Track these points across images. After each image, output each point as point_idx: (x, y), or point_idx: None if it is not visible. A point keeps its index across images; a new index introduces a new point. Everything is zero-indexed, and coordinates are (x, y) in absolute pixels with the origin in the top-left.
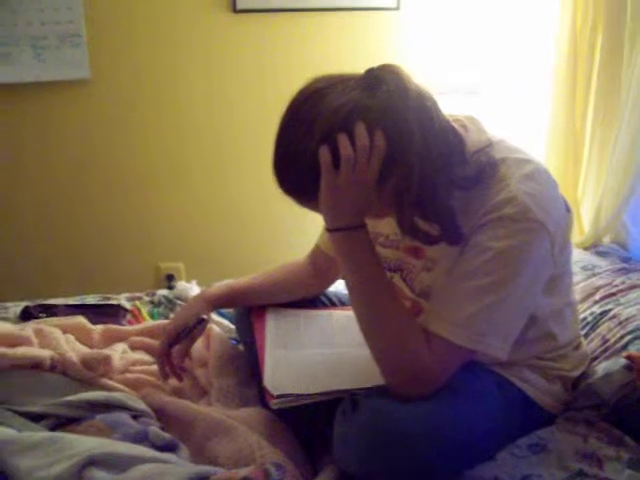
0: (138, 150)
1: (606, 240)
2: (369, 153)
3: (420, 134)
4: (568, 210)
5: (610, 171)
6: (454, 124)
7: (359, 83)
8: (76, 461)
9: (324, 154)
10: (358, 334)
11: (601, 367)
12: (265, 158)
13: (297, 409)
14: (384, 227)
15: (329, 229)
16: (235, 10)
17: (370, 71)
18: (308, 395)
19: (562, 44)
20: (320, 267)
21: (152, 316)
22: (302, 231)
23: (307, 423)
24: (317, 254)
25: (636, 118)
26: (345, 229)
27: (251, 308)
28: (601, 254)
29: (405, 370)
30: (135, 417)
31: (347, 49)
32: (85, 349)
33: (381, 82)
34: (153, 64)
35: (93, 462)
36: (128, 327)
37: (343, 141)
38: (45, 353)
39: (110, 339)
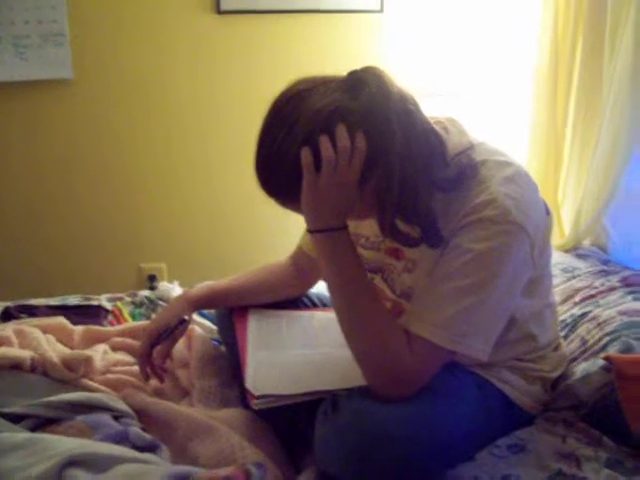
0: (121, 151)
1: (586, 243)
2: (350, 155)
3: (401, 136)
4: (548, 213)
5: (590, 174)
6: (435, 126)
7: (341, 85)
8: (56, 461)
9: (305, 156)
10: (340, 335)
11: (580, 368)
12: (249, 159)
13: (279, 410)
14: (365, 229)
15: (310, 230)
16: (219, 11)
17: (352, 73)
18: (289, 396)
19: (544, 45)
20: (302, 268)
21: (133, 317)
22: (285, 232)
23: (289, 424)
24: (299, 255)
25: (616, 121)
26: (326, 230)
27: (233, 309)
28: (581, 257)
29: (386, 371)
30: (116, 418)
31: (331, 51)
32: (66, 350)
33: (363, 84)
34: (137, 64)
35: (73, 462)
36: (109, 328)
37: (324, 143)
38: (25, 353)
39: (91, 340)
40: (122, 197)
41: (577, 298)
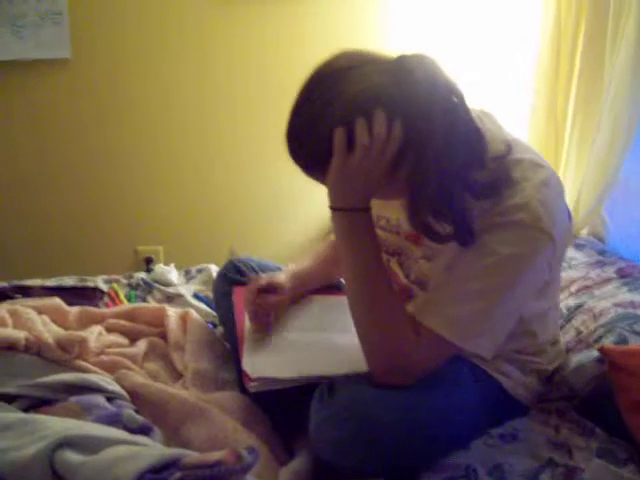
0: (118, 132)
1: (584, 233)
2: (384, 142)
3: (442, 130)
4: (570, 218)
5: (589, 165)
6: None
7: (387, 68)
8: (48, 442)
9: (339, 136)
10: (341, 320)
11: (574, 359)
12: (248, 144)
13: (275, 393)
14: (388, 210)
15: (332, 207)
16: None
17: (402, 57)
18: (286, 379)
19: (545, 33)
20: None
21: (129, 299)
22: (282, 217)
23: (284, 408)
24: None
25: (616, 112)
26: (348, 210)
27: (233, 288)
28: (578, 247)
29: (390, 358)
30: (109, 399)
31: (334, 36)
32: (61, 330)
33: (410, 71)
34: (135, 44)
35: (65, 443)
36: (105, 309)
37: (360, 126)
38: (20, 334)
39: (86, 321)
40: (120, 179)
41: (573, 288)
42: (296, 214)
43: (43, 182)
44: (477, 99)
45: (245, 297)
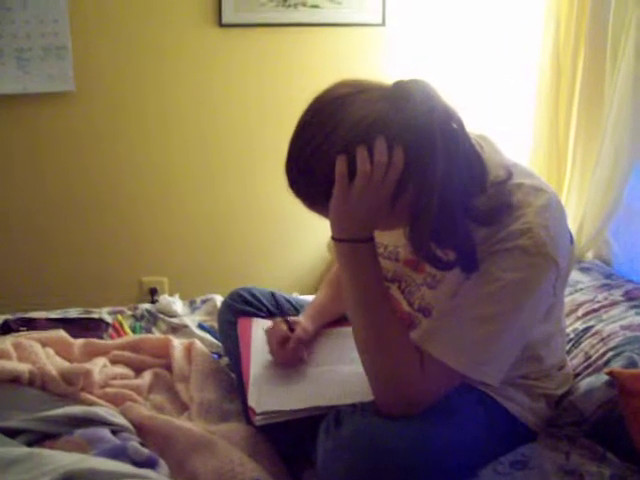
0: (122, 165)
1: (589, 256)
2: (386, 170)
3: (442, 155)
4: (572, 242)
5: (592, 188)
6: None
7: (385, 94)
8: (53, 477)
9: (341, 165)
10: (345, 351)
11: (583, 384)
12: (250, 172)
13: (281, 426)
14: (386, 238)
15: (334, 238)
16: (221, 24)
17: (398, 84)
18: (292, 411)
19: (545, 59)
20: None
21: (134, 330)
22: (286, 246)
23: (291, 439)
24: None
25: (618, 136)
26: (351, 241)
27: (238, 319)
28: (584, 270)
29: (396, 387)
30: (115, 432)
31: (333, 64)
32: (65, 363)
33: (408, 96)
34: (139, 78)
35: (70, 478)
36: (109, 341)
37: (361, 154)
38: (24, 367)
39: (91, 353)
40: (124, 211)
41: (580, 312)
42: (300, 241)
43: (46, 214)
44: (478, 125)
45: (269, 341)
